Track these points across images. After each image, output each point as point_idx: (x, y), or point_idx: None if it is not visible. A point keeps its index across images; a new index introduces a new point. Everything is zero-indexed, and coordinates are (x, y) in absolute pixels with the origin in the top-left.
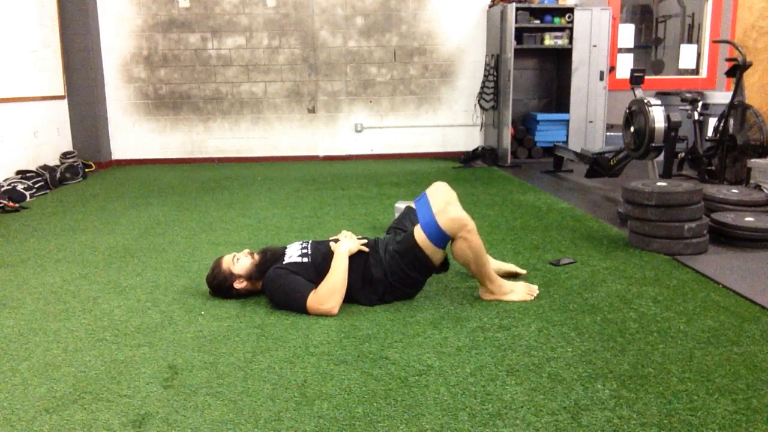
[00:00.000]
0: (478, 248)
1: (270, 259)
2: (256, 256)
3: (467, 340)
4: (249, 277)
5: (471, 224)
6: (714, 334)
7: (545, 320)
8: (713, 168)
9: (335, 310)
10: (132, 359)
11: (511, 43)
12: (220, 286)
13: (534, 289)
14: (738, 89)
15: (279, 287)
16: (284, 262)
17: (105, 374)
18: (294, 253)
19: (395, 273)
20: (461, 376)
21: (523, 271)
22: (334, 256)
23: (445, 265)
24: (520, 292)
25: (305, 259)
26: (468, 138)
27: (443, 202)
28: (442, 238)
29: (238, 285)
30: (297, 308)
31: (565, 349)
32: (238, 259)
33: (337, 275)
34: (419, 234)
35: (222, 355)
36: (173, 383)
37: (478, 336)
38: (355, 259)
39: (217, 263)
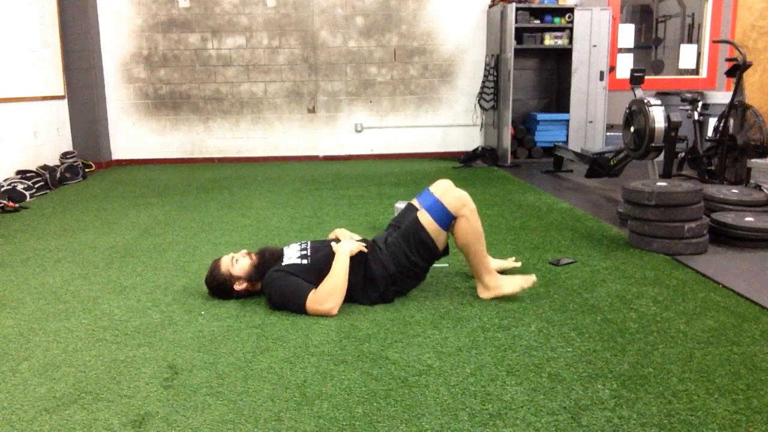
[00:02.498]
0: (479, 231)
1: (269, 259)
2: (254, 257)
3: (467, 340)
4: (248, 278)
5: (472, 204)
6: (714, 334)
7: (545, 320)
8: (713, 168)
9: (334, 311)
10: (132, 359)
11: (511, 43)
12: (219, 287)
13: (530, 279)
14: (738, 89)
15: (278, 289)
16: (283, 264)
17: (105, 374)
18: (293, 255)
19: (399, 262)
20: (461, 376)
21: (518, 264)
22: (335, 257)
23: (445, 250)
24: (515, 283)
25: (304, 261)
26: (468, 138)
27: (447, 188)
28: (446, 216)
29: (238, 287)
30: (296, 309)
31: (565, 349)
32: (236, 260)
33: (338, 276)
34: (424, 216)
35: (222, 355)
36: (173, 383)
37: (478, 336)
38: (355, 258)
39: (216, 265)
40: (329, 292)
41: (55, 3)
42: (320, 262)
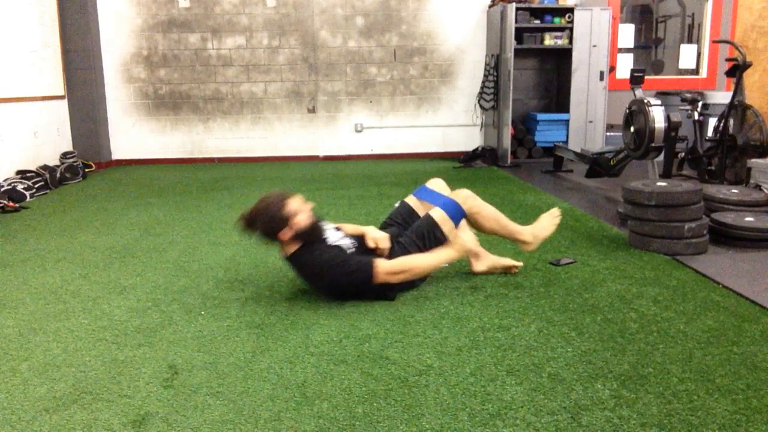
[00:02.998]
0: (493, 213)
1: (317, 231)
2: (313, 219)
3: (467, 340)
4: (296, 234)
5: (474, 198)
6: (714, 334)
7: (545, 320)
8: (713, 168)
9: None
10: (132, 359)
11: (511, 43)
12: (270, 223)
13: (554, 212)
14: (738, 89)
15: (341, 264)
16: (331, 244)
17: (105, 374)
18: (339, 239)
19: None
20: (461, 376)
21: (520, 263)
22: (441, 252)
23: None
24: (547, 223)
25: (352, 249)
26: (468, 138)
27: (455, 191)
28: (460, 214)
29: (285, 234)
30: (362, 275)
31: (565, 349)
32: (301, 211)
33: (423, 264)
34: (438, 214)
35: (222, 355)
36: (173, 383)
37: (478, 336)
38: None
39: (284, 201)
40: (406, 269)
41: (55, 3)
42: (363, 253)
